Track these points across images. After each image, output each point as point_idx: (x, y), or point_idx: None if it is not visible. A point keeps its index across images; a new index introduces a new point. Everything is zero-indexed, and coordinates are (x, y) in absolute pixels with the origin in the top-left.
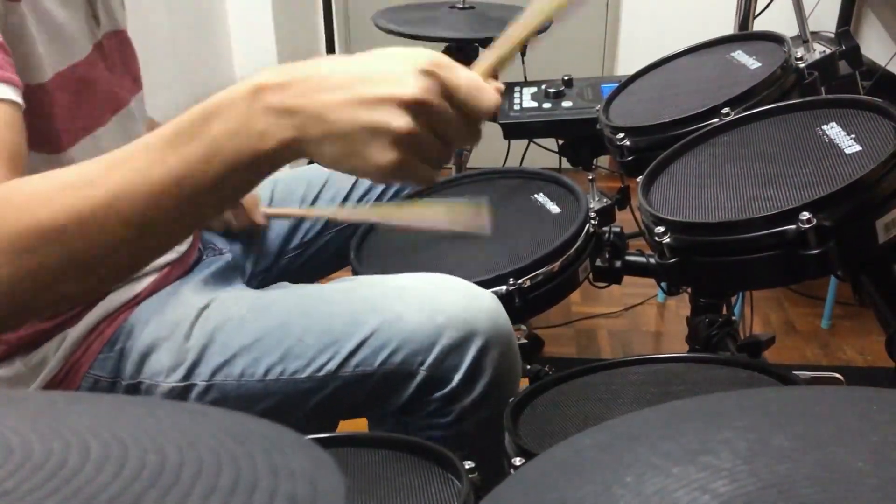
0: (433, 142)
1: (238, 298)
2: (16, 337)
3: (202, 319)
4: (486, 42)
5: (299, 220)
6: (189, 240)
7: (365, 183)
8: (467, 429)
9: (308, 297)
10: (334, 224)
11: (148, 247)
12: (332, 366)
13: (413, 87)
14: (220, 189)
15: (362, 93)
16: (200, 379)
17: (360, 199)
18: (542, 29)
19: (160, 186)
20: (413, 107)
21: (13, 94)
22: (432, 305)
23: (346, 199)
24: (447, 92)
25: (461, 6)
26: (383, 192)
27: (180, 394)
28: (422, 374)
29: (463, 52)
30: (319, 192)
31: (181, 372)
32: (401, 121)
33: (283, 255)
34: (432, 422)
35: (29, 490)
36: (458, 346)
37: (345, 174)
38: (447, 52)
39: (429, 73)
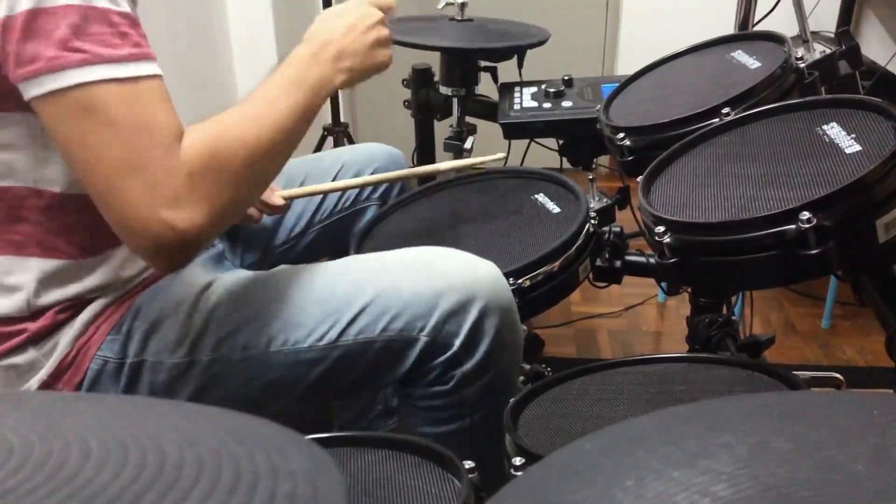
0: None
1: (238, 277)
2: (36, 326)
3: (205, 297)
4: (482, 52)
5: (319, 198)
6: None
7: (342, 181)
8: (469, 395)
9: (307, 271)
10: (319, 220)
11: (290, 152)
12: (333, 334)
13: (376, 13)
14: (316, 109)
15: (359, 28)
16: (204, 354)
17: (339, 197)
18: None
19: (297, 113)
20: (381, 22)
21: (158, 69)
22: (431, 272)
23: (325, 195)
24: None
25: (460, 19)
26: (362, 190)
27: (185, 370)
28: (423, 340)
29: (461, 61)
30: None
31: (185, 348)
32: (383, 31)
33: (269, 252)
34: (434, 390)
35: (30, 490)
36: (458, 310)
37: (322, 170)
38: (446, 58)
39: (373, 4)
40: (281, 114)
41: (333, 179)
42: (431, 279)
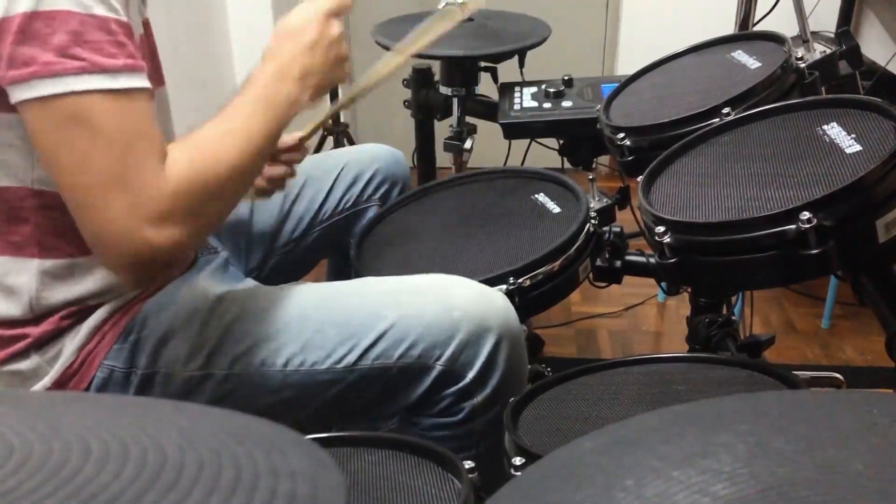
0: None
1: (255, 292)
2: (38, 331)
3: (220, 310)
4: (484, 58)
5: (320, 202)
6: None
7: (343, 182)
8: (476, 428)
9: (326, 291)
10: (321, 221)
11: (260, 169)
12: (351, 358)
13: (335, 29)
14: (284, 126)
15: (321, 45)
16: (219, 368)
17: (340, 198)
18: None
19: (266, 132)
20: (339, 39)
21: (148, 82)
22: (448, 301)
23: (326, 195)
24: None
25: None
26: (363, 191)
27: (198, 383)
28: (438, 368)
29: (461, 61)
30: (299, 192)
31: (199, 361)
32: (343, 48)
33: (272, 253)
34: (443, 421)
35: (30, 490)
36: (474, 341)
37: (323, 171)
38: (446, 59)
39: (332, 15)
40: (254, 132)
41: (335, 180)
42: (449, 308)
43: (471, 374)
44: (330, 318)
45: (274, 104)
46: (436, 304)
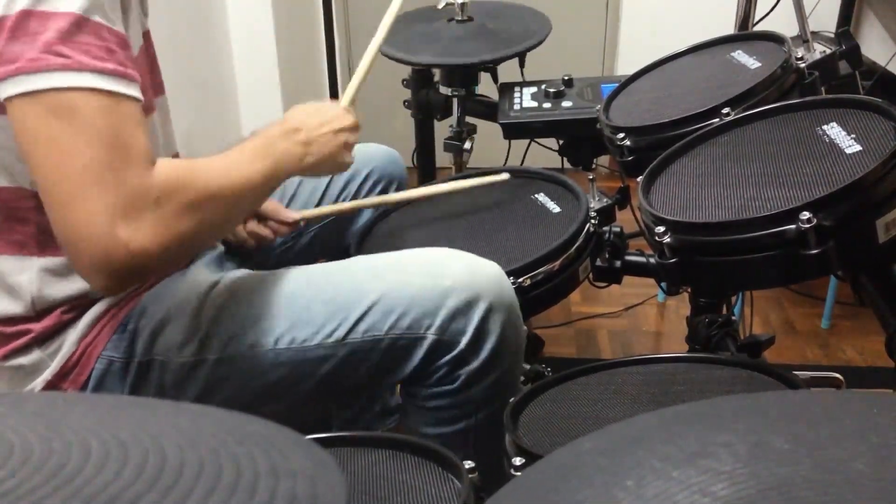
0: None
1: (244, 276)
2: (40, 326)
3: (212, 296)
4: (481, 66)
5: (317, 199)
6: None
7: (339, 182)
8: (474, 395)
9: (313, 271)
10: (315, 222)
11: (247, 212)
12: (340, 332)
13: (351, 119)
14: (277, 179)
15: (332, 126)
16: (212, 353)
17: (336, 198)
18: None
19: (260, 176)
20: (353, 129)
21: (139, 93)
22: (436, 271)
23: (322, 195)
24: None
25: (459, 19)
26: (358, 191)
27: (192, 368)
28: (430, 338)
29: (461, 75)
30: (295, 191)
31: (193, 346)
32: (352, 137)
33: (268, 253)
34: (440, 390)
35: (29, 490)
36: (464, 308)
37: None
38: (448, 72)
39: (348, 111)
40: (246, 174)
41: (331, 180)
42: (437, 278)
43: (464, 342)
44: (317, 296)
45: (270, 155)
46: (423, 275)
